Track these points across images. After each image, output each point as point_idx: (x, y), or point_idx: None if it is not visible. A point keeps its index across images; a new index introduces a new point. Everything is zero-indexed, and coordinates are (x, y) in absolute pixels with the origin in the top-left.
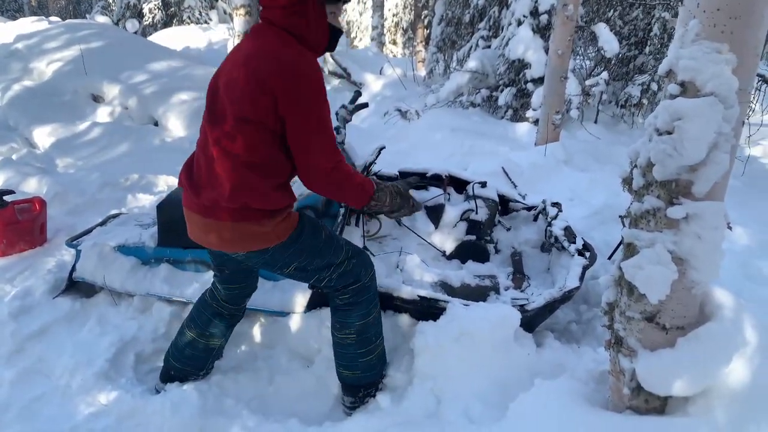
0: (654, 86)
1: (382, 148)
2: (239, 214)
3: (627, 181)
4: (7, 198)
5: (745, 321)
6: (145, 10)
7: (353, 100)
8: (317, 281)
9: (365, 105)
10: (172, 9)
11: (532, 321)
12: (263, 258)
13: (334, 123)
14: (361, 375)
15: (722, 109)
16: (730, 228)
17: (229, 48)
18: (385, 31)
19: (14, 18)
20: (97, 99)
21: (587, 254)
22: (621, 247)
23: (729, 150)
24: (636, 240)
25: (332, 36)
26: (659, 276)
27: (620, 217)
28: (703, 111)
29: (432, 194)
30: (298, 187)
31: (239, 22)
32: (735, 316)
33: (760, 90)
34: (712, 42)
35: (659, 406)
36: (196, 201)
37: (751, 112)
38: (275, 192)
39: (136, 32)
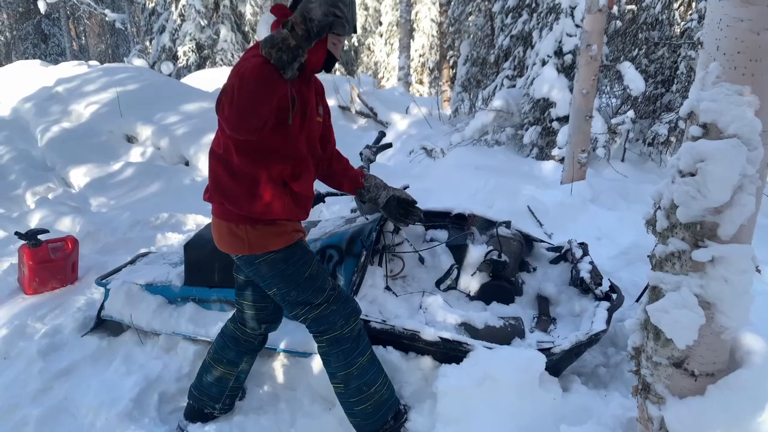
0: (681, 124)
1: (406, 186)
2: (221, 211)
3: (651, 223)
4: (41, 237)
5: None
6: (180, 53)
7: (377, 141)
8: (294, 316)
9: (389, 145)
10: (206, 51)
11: (557, 364)
12: (250, 268)
13: (359, 163)
14: (361, 422)
15: (746, 150)
16: (759, 271)
17: None
18: (411, 71)
19: (57, 62)
20: (130, 140)
21: (614, 296)
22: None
23: (754, 192)
24: (661, 283)
25: (328, 61)
26: (686, 320)
27: (648, 256)
28: (726, 153)
29: (454, 234)
30: (321, 226)
31: None
32: (767, 362)
33: None
34: (733, 84)
35: None
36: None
37: None
38: (250, 199)
39: (170, 74)
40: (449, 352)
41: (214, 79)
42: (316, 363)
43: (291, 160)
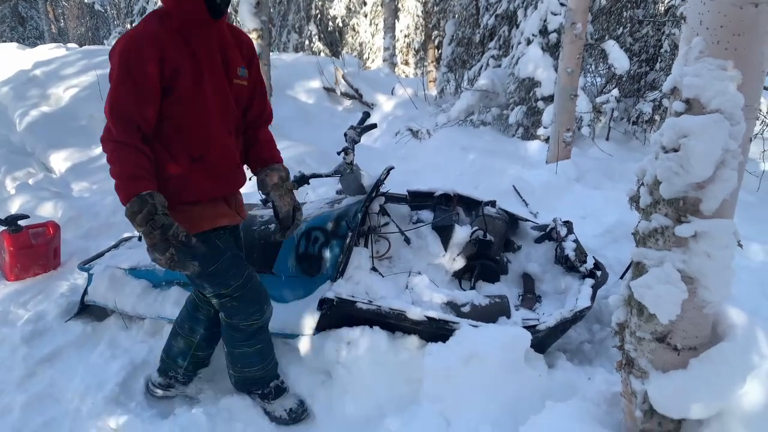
0: (666, 102)
1: (391, 168)
2: None
3: (634, 199)
4: (21, 222)
5: (760, 340)
6: None
7: (362, 122)
8: (204, 293)
9: (374, 126)
10: None
11: (543, 342)
12: None
13: (343, 144)
14: (233, 377)
15: (728, 125)
16: (740, 246)
17: None
18: (396, 52)
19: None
20: None
21: (598, 273)
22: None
23: (737, 167)
24: (644, 259)
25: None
26: (669, 295)
27: (633, 233)
28: (708, 128)
29: (440, 214)
30: (306, 208)
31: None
32: (749, 336)
33: None
34: (716, 59)
35: (673, 429)
36: None
37: (766, 127)
38: (163, 183)
39: None
40: (435, 331)
41: None
42: (303, 344)
43: (192, 132)
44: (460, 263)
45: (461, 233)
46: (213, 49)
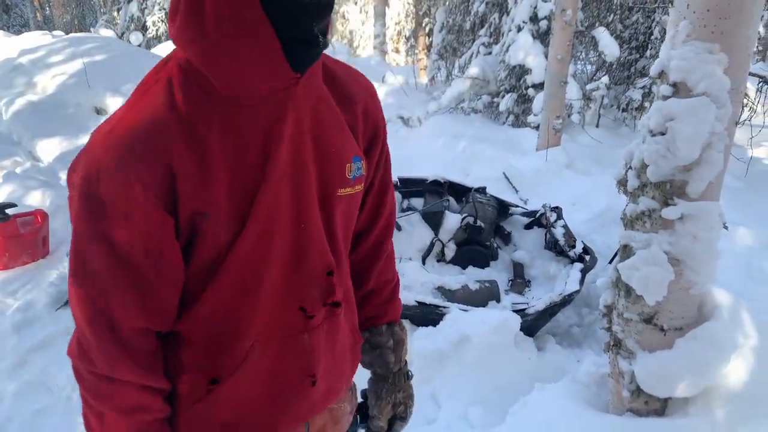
0: (655, 89)
1: None
2: None
3: (622, 183)
4: (9, 211)
5: (744, 320)
6: (149, 23)
7: None
8: None
9: None
10: None
11: (532, 325)
12: None
13: None
14: None
15: (714, 108)
16: (726, 228)
17: None
18: (387, 39)
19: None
20: (99, 111)
21: (587, 258)
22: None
23: (723, 149)
24: (632, 241)
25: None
26: (655, 277)
27: (621, 217)
28: (695, 111)
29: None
30: None
31: None
32: (733, 316)
33: (761, 91)
34: (703, 42)
35: (659, 407)
36: None
37: (753, 114)
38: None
39: (139, 45)
40: (426, 316)
41: None
42: None
43: (219, 328)
44: (450, 249)
45: (452, 219)
46: (297, 139)
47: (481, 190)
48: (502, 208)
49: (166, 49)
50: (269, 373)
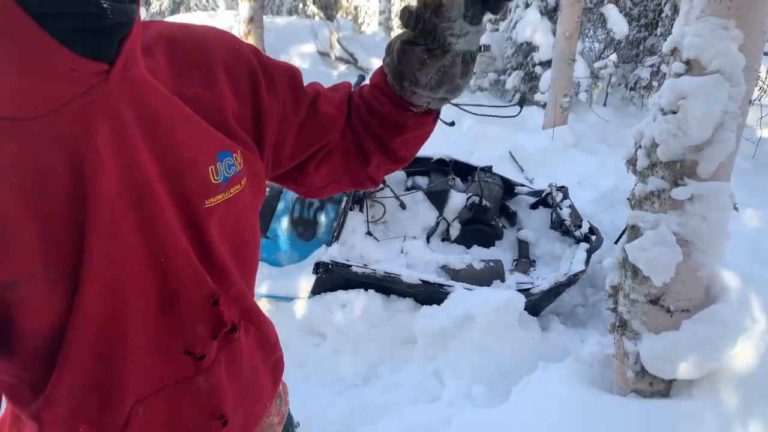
0: (664, 68)
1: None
2: None
3: (631, 162)
4: None
5: (752, 303)
6: None
7: (357, 85)
8: None
9: None
10: None
11: (537, 305)
12: None
13: None
14: None
15: (728, 87)
16: (736, 209)
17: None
18: (392, 15)
19: None
20: None
21: (593, 238)
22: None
23: (735, 129)
24: (640, 222)
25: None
26: (663, 258)
27: (629, 199)
28: (708, 89)
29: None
30: None
31: (245, 7)
32: (741, 298)
33: None
34: (717, 18)
35: (664, 389)
36: None
37: (763, 94)
38: None
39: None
40: (430, 294)
41: None
42: (299, 307)
43: (75, 403)
44: (455, 228)
45: (457, 198)
46: (124, 153)
47: (487, 170)
48: (508, 187)
49: None
50: (166, 429)
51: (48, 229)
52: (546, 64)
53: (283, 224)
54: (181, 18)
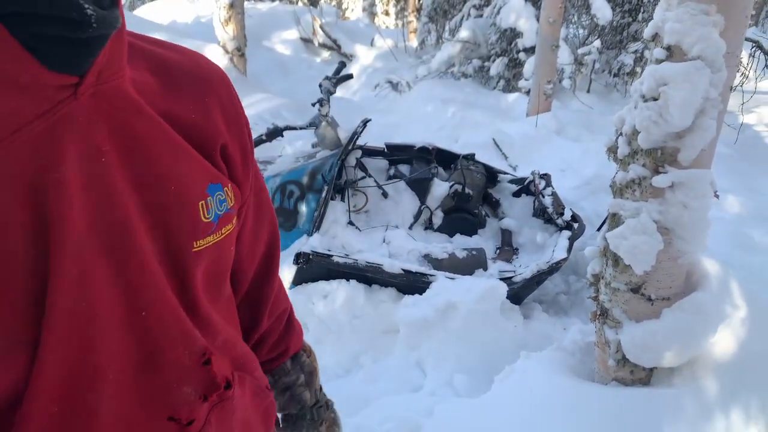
0: (647, 54)
1: (368, 121)
2: None
3: (612, 150)
4: None
5: (732, 290)
6: None
7: (337, 72)
8: None
9: (350, 76)
10: None
11: (519, 293)
12: None
13: (318, 95)
14: None
15: (709, 73)
16: (716, 196)
17: (215, 22)
18: (376, 1)
19: None
20: None
21: (575, 225)
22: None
23: (716, 116)
24: (621, 210)
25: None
26: (644, 246)
27: (610, 185)
28: (689, 75)
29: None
30: (282, 161)
31: None
32: (721, 286)
33: (754, 56)
34: (698, 3)
35: (645, 377)
36: None
37: (745, 80)
38: None
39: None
40: (412, 284)
41: (170, 11)
42: None
43: None
44: (437, 217)
45: (439, 187)
46: (95, 186)
47: (470, 157)
48: (491, 175)
49: (150, 10)
50: None
51: (0, 286)
52: (530, 50)
53: None
54: (162, 5)
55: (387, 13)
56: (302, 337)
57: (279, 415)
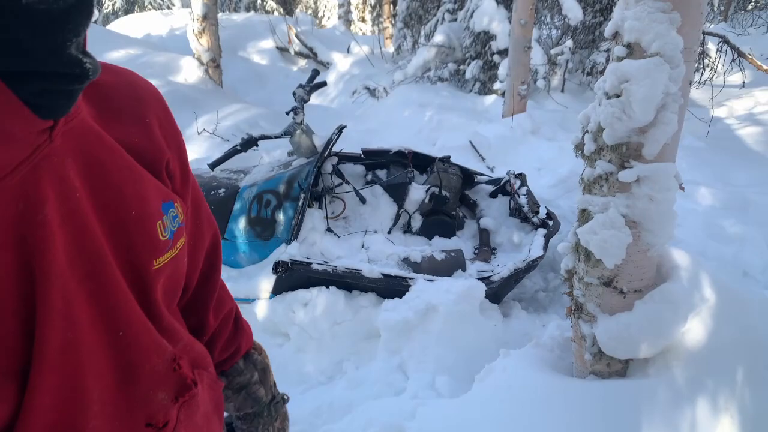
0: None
1: (343, 127)
2: None
3: (579, 147)
4: None
5: (702, 280)
6: None
7: (311, 80)
8: None
9: (323, 84)
10: None
11: (498, 292)
12: None
13: (293, 103)
14: None
15: (668, 68)
16: (682, 188)
17: (189, 34)
18: (352, 8)
19: None
20: None
21: (551, 223)
22: None
23: (677, 110)
24: (590, 205)
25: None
26: (614, 240)
27: (579, 182)
28: (649, 72)
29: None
30: (258, 170)
31: (198, 4)
32: (691, 276)
33: (721, 51)
34: (656, 1)
35: (621, 369)
36: None
37: (714, 74)
38: None
39: (95, 21)
40: (392, 288)
41: (143, 25)
42: (260, 308)
43: None
44: (416, 220)
45: (417, 190)
46: (71, 219)
47: (445, 160)
48: (467, 177)
49: (123, 24)
50: None
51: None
52: (504, 52)
53: (241, 225)
54: (135, 18)
55: (363, 20)
56: (252, 336)
57: (229, 415)
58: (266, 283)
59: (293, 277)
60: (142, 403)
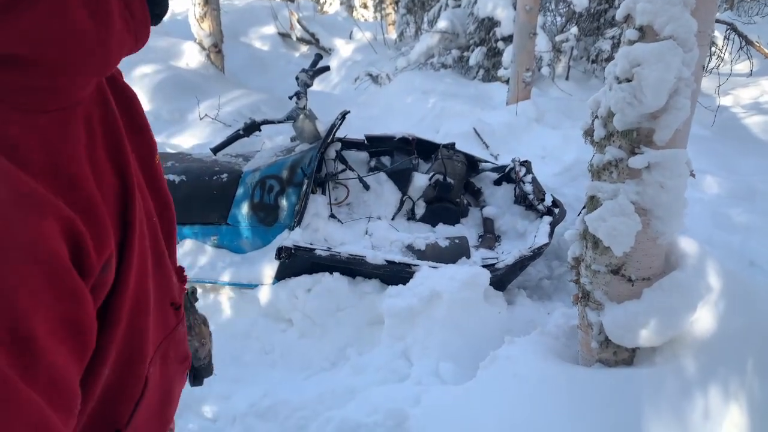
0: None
1: (347, 113)
2: None
3: (588, 133)
4: None
5: (710, 268)
6: None
7: (314, 64)
8: None
9: (327, 68)
10: None
11: (502, 279)
12: None
13: (295, 88)
14: None
15: (681, 52)
16: (693, 175)
17: (191, 19)
18: None
19: None
20: None
21: (556, 210)
22: None
23: (690, 95)
24: (599, 192)
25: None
26: (623, 227)
27: (588, 168)
28: (662, 55)
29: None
30: (260, 156)
31: None
32: (699, 264)
33: (729, 39)
34: None
35: (628, 357)
36: None
37: (721, 62)
38: None
39: None
40: (396, 274)
41: None
42: (263, 294)
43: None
44: (420, 207)
45: (420, 177)
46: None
47: (450, 147)
48: (472, 164)
49: None
50: (162, 384)
51: (109, 210)
52: (508, 39)
53: (244, 210)
54: None
55: (365, 6)
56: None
57: None
58: (269, 268)
59: (296, 263)
60: (167, 284)
